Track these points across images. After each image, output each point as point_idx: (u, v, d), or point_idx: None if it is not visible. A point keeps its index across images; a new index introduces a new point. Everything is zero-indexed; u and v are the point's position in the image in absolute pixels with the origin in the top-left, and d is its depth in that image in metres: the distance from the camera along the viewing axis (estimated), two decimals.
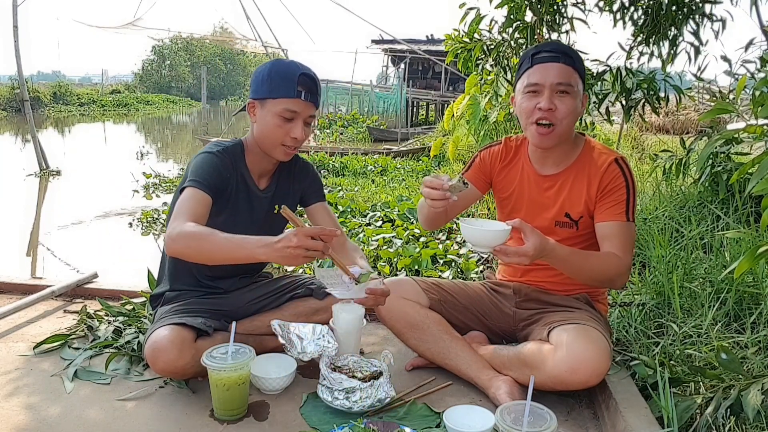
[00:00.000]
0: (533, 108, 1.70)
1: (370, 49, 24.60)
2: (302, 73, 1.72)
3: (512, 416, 1.37)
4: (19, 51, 8.67)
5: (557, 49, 1.72)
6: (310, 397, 1.70)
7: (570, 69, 1.69)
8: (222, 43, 44.01)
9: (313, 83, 1.74)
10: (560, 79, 1.67)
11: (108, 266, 3.50)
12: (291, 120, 1.73)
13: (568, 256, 1.61)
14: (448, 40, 3.51)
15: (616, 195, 1.71)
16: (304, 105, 1.73)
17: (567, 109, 1.68)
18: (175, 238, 1.56)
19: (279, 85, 1.71)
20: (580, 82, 1.72)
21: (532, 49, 1.75)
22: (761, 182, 1.16)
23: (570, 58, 1.70)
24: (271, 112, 1.72)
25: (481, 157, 1.95)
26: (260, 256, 1.47)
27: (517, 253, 1.51)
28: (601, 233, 1.72)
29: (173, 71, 48.16)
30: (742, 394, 1.45)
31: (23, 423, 1.56)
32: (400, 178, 7.49)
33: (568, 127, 1.72)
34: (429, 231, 4.05)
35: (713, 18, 3.18)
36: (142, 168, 8.58)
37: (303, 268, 3.37)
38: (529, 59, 1.74)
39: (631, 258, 1.69)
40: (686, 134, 6.01)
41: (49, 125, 19.77)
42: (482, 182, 1.93)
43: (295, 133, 1.74)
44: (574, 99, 1.70)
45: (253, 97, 1.77)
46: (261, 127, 1.76)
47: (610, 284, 1.75)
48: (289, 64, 1.77)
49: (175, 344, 1.65)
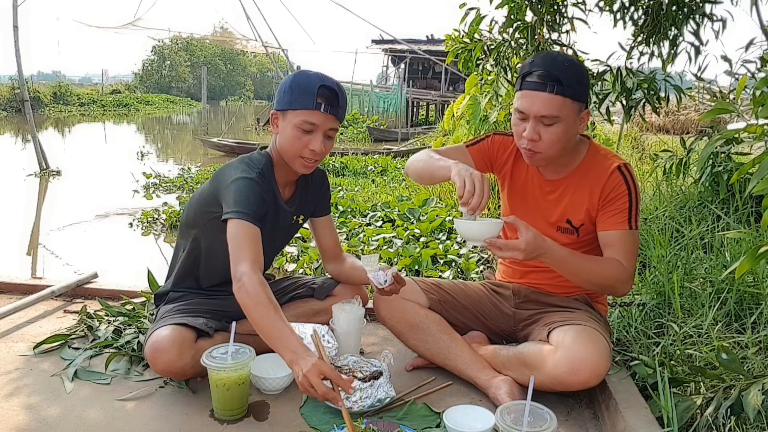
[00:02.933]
0: (520, 133, 1.66)
1: (370, 49, 24.63)
2: (322, 85, 1.68)
3: (512, 416, 1.37)
4: (19, 51, 8.68)
5: (547, 75, 1.59)
6: (310, 398, 1.70)
7: (557, 98, 1.58)
8: (222, 43, 44.07)
9: (334, 96, 1.70)
10: (544, 112, 1.59)
11: (108, 266, 3.50)
12: (310, 132, 1.70)
13: (567, 257, 1.59)
14: (448, 40, 3.50)
15: (618, 203, 1.69)
16: (323, 117, 1.69)
17: (552, 139, 1.62)
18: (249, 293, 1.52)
19: (299, 97, 1.68)
20: (575, 105, 1.62)
21: (525, 68, 1.66)
22: (761, 182, 1.16)
23: (560, 85, 1.58)
24: (291, 124, 1.70)
25: (492, 139, 1.88)
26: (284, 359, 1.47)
27: (509, 246, 1.49)
28: (604, 242, 1.70)
29: (173, 71, 48.16)
30: (742, 395, 1.44)
31: (23, 423, 1.56)
32: (400, 178, 7.49)
33: (557, 152, 1.67)
34: (432, 227, 4.05)
35: (713, 18, 3.17)
36: (142, 168, 8.58)
37: (303, 268, 3.38)
38: (520, 80, 1.67)
39: (635, 266, 1.68)
40: (686, 134, 6.02)
41: (49, 125, 19.79)
42: (482, 163, 1.86)
43: (313, 145, 1.70)
44: (562, 127, 1.62)
45: (277, 108, 1.75)
46: (282, 139, 1.74)
47: (611, 290, 1.73)
48: (311, 75, 1.72)
49: (175, 344, 1.65)
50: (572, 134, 1.67)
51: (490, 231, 1.51)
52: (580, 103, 1.64)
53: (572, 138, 1.69)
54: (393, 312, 1.87)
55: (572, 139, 1.69)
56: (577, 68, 1.66)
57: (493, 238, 1.51)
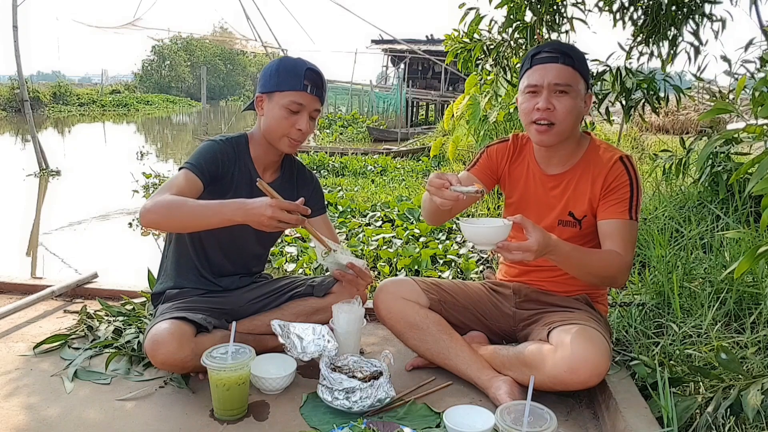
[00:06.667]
0: (532, 108, 1.70)
1: (369, 49, 24.61)
2: (308, 68, 1.80)
3: (512, 416, 1.37)
4: (19, 51, 8.67)
5: (557, 49, 1.71)
6: (310, 397, 1.70)
7: (569, 69, 1.68)
8: (222, 43, 44.01)
9: (318, 78, 1.82)
10: (558, 80, 1.67)
11: (108, 266, 3.50)
12: (297, 113, 1.80)
13: (570, 252, 1.59)
14: (447, 40, 3.51)
15: (619, 193, 1.70)
16: (309, 98, 1.79)
17: (565, 109, 1.67)
18: (149, 207, 1.62)
19: (286, 79, 1.78)
20: (582, 81, 1.71)
21: (533, 50, 1.75)
22: (761, 182, 1.16)
23: (570, 58, 1.69)
24: (278, 105, 1.79)
25: (488, 153, 1.93)
26: (236, 219, 1.56)
27: (521, 249, 1.48)
28: (603, 231, 1.71)
29: (173, 71, 48.14)
30: (741, 394, 1.45)
31: (23, 423, 1.56)
32: (400, 178, 7.49)
33: (570, 126, 1.71)
34: (431, 226, 4.06)
35: (713, 18, 3.18)
36: (142, 168, 8.57)
37: (303, 268, 3.38)
38: (529, 60, 1.74)
39: (633, 256, 1.69)
40: (686, 134, 6.01)
41: (49, 125, 19.77)
42: (488, 179, 1.90)
43: (300, 125, 1.80)
44: (574, 99, 1.69)
45: (261, 91, 1.83)
46: (268, 120, 1.82)
47: (611, 282, 1.74)
48: (297, 60, 1.84)
49: (174, 337, 1.66)
50: (580, 112, 1.73)
51: (500, 235, 1.48)
52: (585, 82, 1.73)
53: (580, 116, 1.75)
54: (393, 312, 1.87)
55: (580, 118, 1.75)
56: (580, 51, 1.77)
57: (503, 241, 1.49)
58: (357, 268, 1.90)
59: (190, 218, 1.61)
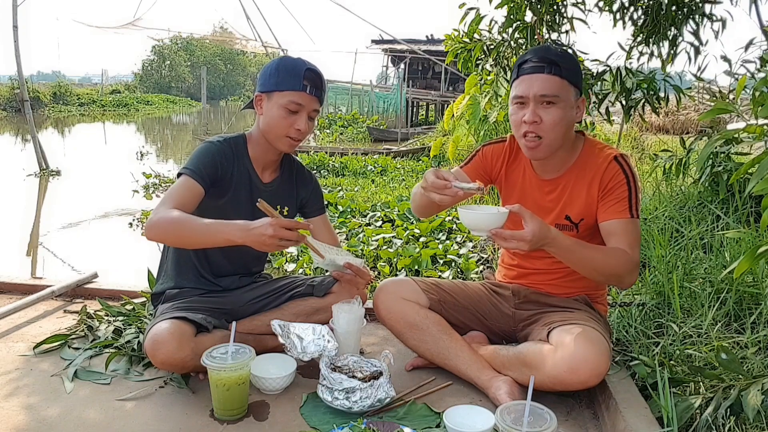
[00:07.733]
0: (520, 121, 1.68)
1: (370, 49, 24.61)
2: (308, 68, 1.80)
3: (512, 416, 1.37)
4: (19, 51, 8.66)
5: (543, 58, 1.65)
6: (310, 397, 1.70)
7: (556, 79, 1.63)
8: (222, 43, 44.03)
9: (318, 78, 1.82)
10: (544, 91, 1.63)
11: (108, 266, 3.50)
12: (296, 112, 1.80)
13: (572, 246, 1.57)
14: (448, 40, 3.50)
15: (617, 192, 1.69)
16: (308, 98, 1.80)
17: (553, 121, 1.64)
18: (155, 223, 1.63)
19: (286, 79, 1.78)
20: (572, 88, 1.67)
21: (521, 58, 1.71)
22: (761, 182, 1.16)
23: (557, 67, 1.64)
24: (277, 104, 1.79)
25: (483, 152, 1.92)
26: (237, 240, 1.56)
27: (514, 237, 1.47)
28: (606, 232, 1.69)
29: (173, 71, 48.14)
30: (742, 394, 1.45)
31: (23, 423, 1.56)
32: (400, 178, 7.49)
33: (559, 137, 1.68)
34: (431, 227, 4.05)
35: (713, 18, 3.17)
36: (142, 168, 8.58)
37: (303, 268, 3.38)
38: (516, 69, 1.71)
39: (639, 254, 1.66)
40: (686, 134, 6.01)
41: (49, 125, 19.77)
42: (481, 178, 1.88)
43: (299, 125, 1.80)
44: (562, 109, 1.65)
45: (261, 90, 1.83)
46: (267, 119, 1.82)
47: (618, 281, 1.69)
48: (296, 60, 1.84)
49: (174, 336, 1.66)
50: (571, 120, 1.70)
51: (495, 222, 1.49)
52: (576, 89, 1.69)
53: (571, 124, 1.71)
54: (393, 312, 1.87)
55: (571, 125, 1.71)
56: (570, 56, 1.73)
57: (497, 228, 1.49)
58: (355, 267, 1.91)
59: (194, 238, 1.62)
